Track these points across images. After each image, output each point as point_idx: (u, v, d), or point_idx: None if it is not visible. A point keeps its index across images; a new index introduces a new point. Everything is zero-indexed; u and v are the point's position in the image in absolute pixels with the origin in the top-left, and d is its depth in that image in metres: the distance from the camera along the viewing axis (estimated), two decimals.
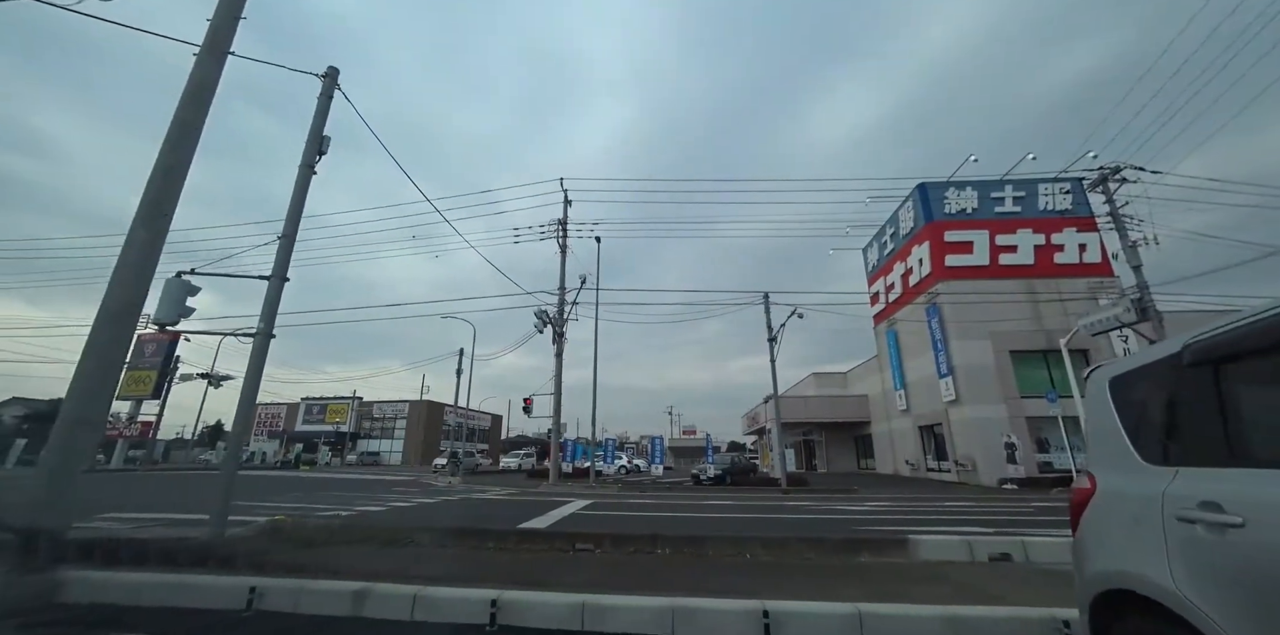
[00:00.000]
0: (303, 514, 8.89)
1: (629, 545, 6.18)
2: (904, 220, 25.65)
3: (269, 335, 6.49)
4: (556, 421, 16.52)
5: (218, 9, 4.97)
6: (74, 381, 3.99)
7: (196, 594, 3.81)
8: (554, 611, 3.45)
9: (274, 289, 6.54)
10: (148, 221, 4.31)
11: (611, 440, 31.59)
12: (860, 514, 10.30)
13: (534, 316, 15.91)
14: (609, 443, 30.23)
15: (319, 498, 12.80)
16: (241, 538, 6.11)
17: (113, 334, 4.19)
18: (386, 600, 3.63)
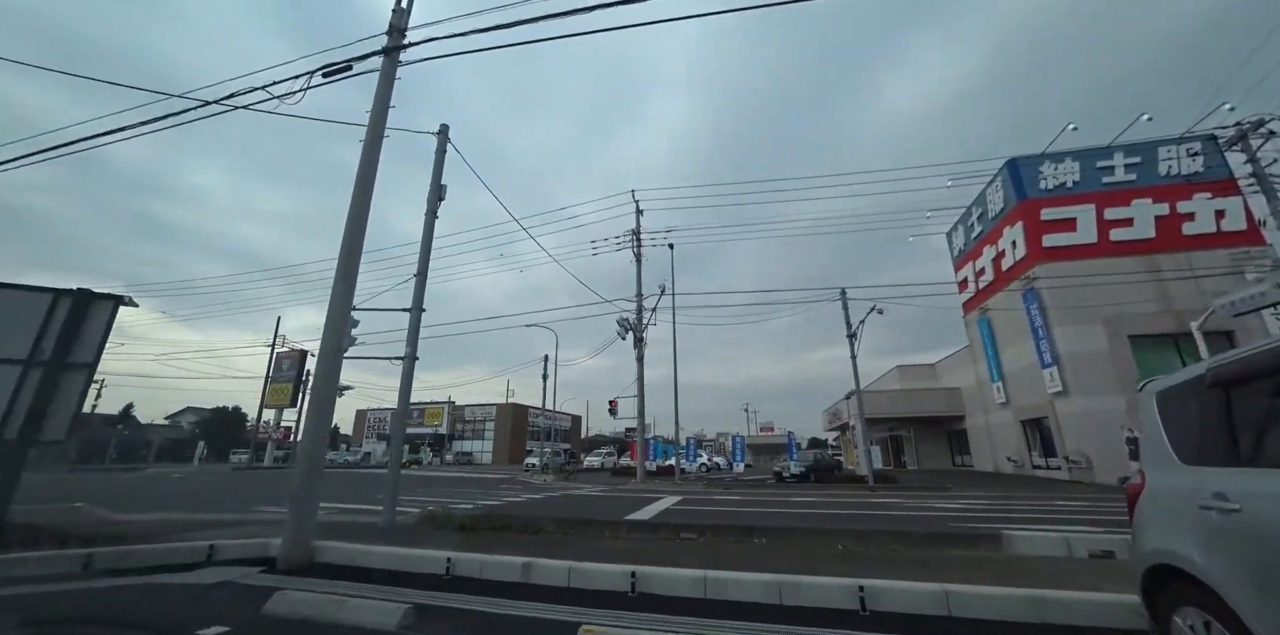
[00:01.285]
0: (440, 506, 10.51)
1: (728, 535, 6.96)
2: (992, 200, 24.11)
3: (414, 358, 7.95)
4: (641, 423, 17.58)
5: (375, 102, 6.34)
6: (306, 421, 5.42)
7: (407, 561, 5.08)
8: (681, 582, 4.30)
9: (414, 319, 8.00)
10: (345, 276, 5.70)
11: (692, 439, 32.35)
12: (953, 511, 10.32)
13: (616, 324, 17.07)
14: (690, 441, 31.01)
15: (442, 493, 14.72)
16: (408, 524, 7.59)
17: (325, 372, 5.60)
18: (547, 571, 4.67)
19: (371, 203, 6.07)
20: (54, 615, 3.81)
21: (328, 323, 5.59)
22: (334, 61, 6.42)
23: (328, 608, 3.69)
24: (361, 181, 5.95)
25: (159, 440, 42.00)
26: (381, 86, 6.22)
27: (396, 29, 6.52)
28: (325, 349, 5.50)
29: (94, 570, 4.80)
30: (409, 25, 6.56)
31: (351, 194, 5.90)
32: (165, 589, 4.41)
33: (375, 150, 6.03)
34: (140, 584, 4.52)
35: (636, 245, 17.59)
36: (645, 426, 18.25)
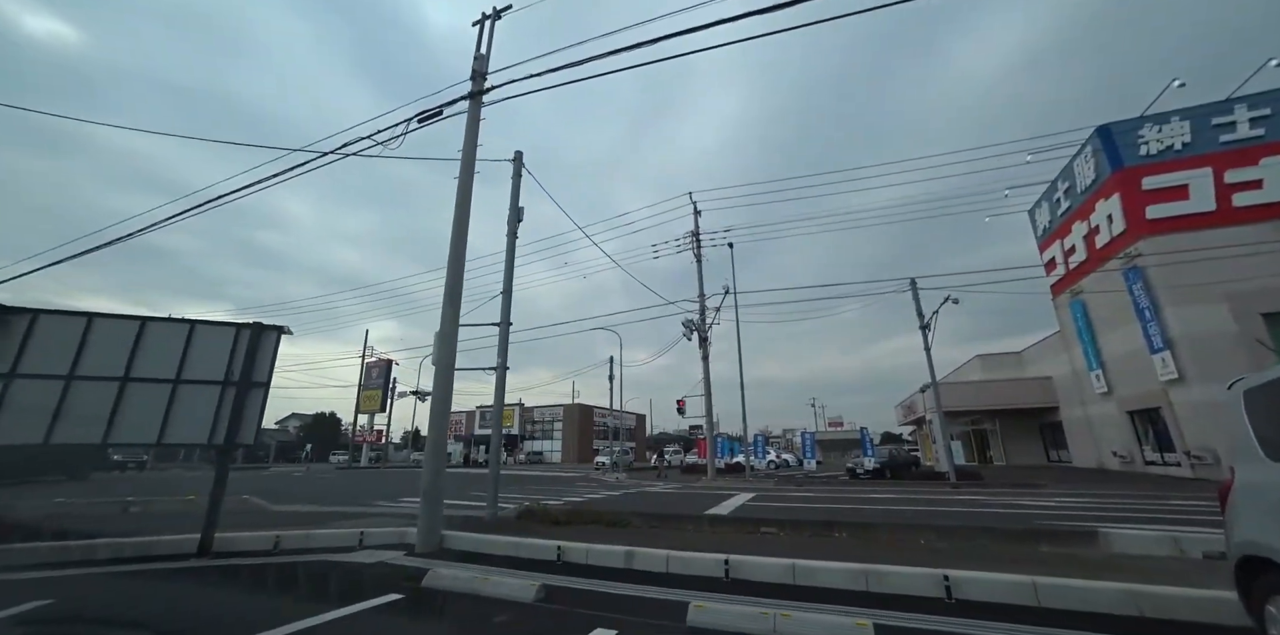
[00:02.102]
0: (535, 502, 11.48)
1: (806, 529, 7.27)
2: (1081, 172, 22.27)
3: (504, 368, 8.84)
4: (709, 421, 17.96)
5: (465, 142, 7.18)
6: (430, 430, 6.33)
7: (522, 548, 5.85)
8: (771, 569, 4.74)
9: (503, 333, 8.89)
10: (451, 300, 6.57)
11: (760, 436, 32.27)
12: (1046, 510, 9.94)
13: (681, 326, 17.55)
14: (757, 438, 30.96)
15: (528, 490, 15.87)
16: (509, 517, 8.50)
17: (441, 385, 6.49)
18: (647, 558, 5.25)
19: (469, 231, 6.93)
20: (273, 580, 4.86)
21: (439, 341, 6.47)
22: (427, 109, 7.35)
23: (474, 583, 4.46)
24: (459, 214, 6.81)
25: (273, 443, 47.41)
26: (470, 127, 7.05)
27: (478, 74, 7.35)
28: (440, 365, 6.39)
29: (281, 549, 5.95)
30: (489, 69, 7.35)
31: (452, 226, 6.76)
32: (338, 565, 5.41)
33: (468, 184, 6.87)
34: (318, 560, 5.56)
35: (696, 246, 17.94)
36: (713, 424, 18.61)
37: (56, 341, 5.41)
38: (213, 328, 5.99)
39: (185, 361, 5.78)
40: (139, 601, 4.15)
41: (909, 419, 38.90)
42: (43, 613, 3.69)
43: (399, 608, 3.96)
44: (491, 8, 7.80)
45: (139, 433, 5.60)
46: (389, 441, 40.18)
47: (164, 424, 5.62)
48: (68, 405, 5.35)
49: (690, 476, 23.26)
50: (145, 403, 5.59)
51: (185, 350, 5.80)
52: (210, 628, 3.52)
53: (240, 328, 6.06)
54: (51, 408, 5.30)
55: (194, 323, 5.95)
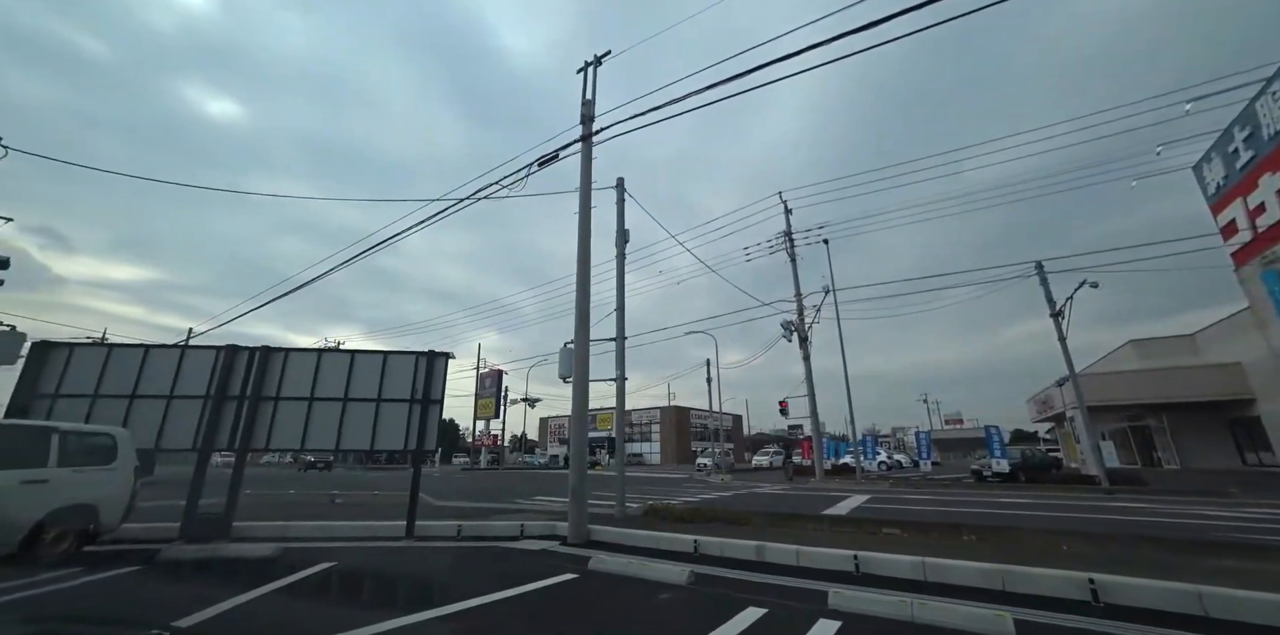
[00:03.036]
0: (658, 502, 12.39)
1: (931, 531, 7.25)
2: (1268, 115, 18.86)
3: (623, 378, 9.78)
4: (815, 421, 17.84)
5: (581, 180, 8.18)
6: (572, 437, 7.35)
7: (661, 541, 6.63)
8: (900, 566, 5.05)
9: (619, 347, 9.84)
10: (582, 323, 7.56)
11: (868, 435, 30.94)
12: (1232, 522, 8.85)
13: (780, 327, 17.67)
14: (866, 438, 29.73)
15: (641, 491, 16.90)
16: (636, 515, 9.40)
17: (579, 397, 7.49)
18: (777, 552, 5.78)
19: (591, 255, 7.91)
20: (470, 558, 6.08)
21: (576, 359, 7.50)
22: (545, 154, 8.49)
23: (632, 568, 5.30)
24: (581, 244, 7.81)
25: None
26: (584, 168, 8.06)
27: (586, 118, 8.34)
28: (577, 380, 7.41)
29: (463, 536, 7.30)
30: (595, 114, 8.31)
31: (576, 256, 7.77)
32: (511, 550, 6.56)
33: (587, 219, 7.86)
34: (493, 546, 6.77)
35: (790, 246, 17.92)
36: (822, 425, 18.43)
37: (301, 372, 7.17)
38: (399, 356, 7.52)
39: (383, 384, 7.34)
40: (392, 566, 5.51)
41: (1045, 415, 34.89)
42: (319, 575, 5.08)
43: (577, 584, 4.89)
44: (593, 55, 8.77)
45: (357, 441, 7.21)
46: (504, 445, 44.21)
47: (374, 434, 7.19)
48: (312, 420, 7.08)
49: (796, 478, 23.05)
50: (360, 417, 7.20)
51: (382, 375, 7.36)
52: (450, 589, 4.65)
53: (419, 356, 7.53)
54: (302, 422, 7.05)
55: (386, 353, 7.53)
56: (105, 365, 6.75)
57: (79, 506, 5.11)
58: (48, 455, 4.90)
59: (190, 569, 5.28)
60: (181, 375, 6.93)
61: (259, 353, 7.14)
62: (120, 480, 5.58)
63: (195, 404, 6.88)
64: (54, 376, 6.60)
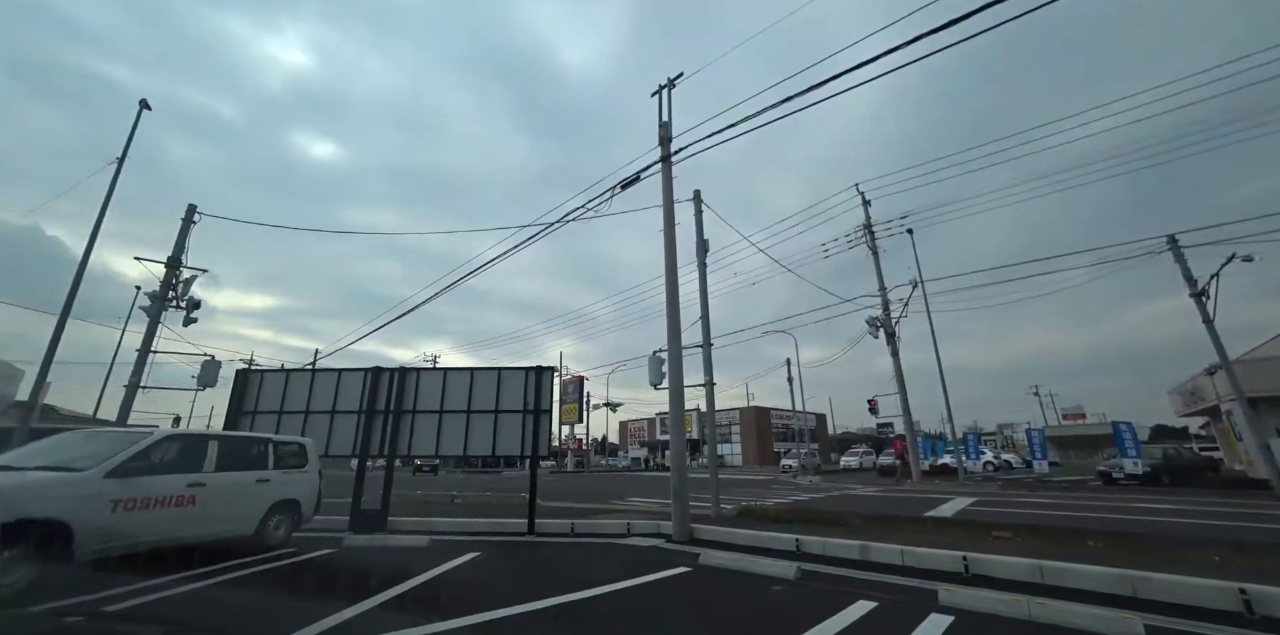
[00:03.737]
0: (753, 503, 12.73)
1: (1049, 537, 6.94)
2: None
3: (712, 384, 10.25)
4: (908, 419, 17.24)
5: (663, 199, 8.76)
6: (671, 442, 7.94)
7: (762, 539, 7.02)
8: (1015, 568, 5.11)
9: (706, 353, 10.32)
10: (673, 335, 8.13)
11: (970, 433, 29.04)
12: None
13: (865, 323, 17.30)
14: (968, 436, 27.93)
15: (729, 493, 17.23)
16: (731, 515, 9.81)
17: (676, 405, 8.05)
18: (882, 552, 5.98)
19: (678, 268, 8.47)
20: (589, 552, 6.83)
21: (670, 369, 8.09)
22: (625, 177, 9.19)
23: (741, 563, 5.77)
24: (669, 261, 8.39)
25: None
26: (665, 187, 8.64)
27: (664, 139, 8.92)
28: (673, 389, 8.00)
29: (576, 532, 8.12)
30: (672, 135, 8.88)
31: (665, 272, 8.36)
32: (622, 546, 7.24)
33: (672, 237, 8.44)
34: (605, 542, 7.50)
35: (870, 239, 17.46)
36: (916, 423, 17.78)
37: (431, 389, 8.35)
38: (511, 372, 8.51)
39: (499, 397, 8.34)
40: (528, 556, 6.37)
41: (1194, 408, 30.74)
42: (473, 561, 5.99)
43: (693, 576, 5.44)
44: (666, 78, 9.34)
45: (480, 447, 8.26)
46: (590, 449, 46.16)
47: (494, 441, 8.20)
48: (442, 430, 8.22)
49: (888, 479, 22.20)
50: (481, 427, 8.25)
51: (498, 389, 8.36)
52: (586, 576, 5.36)
53: (527, 371, 8.48)
54: (435, 431, 8.21)
55: (500, 370, 8.55)
56: (285, 387, 8.31)
57: (289, 501, 6.45)
58: (268, 460, 6.27)
59: (372, 553, 6.45)
60: (340, 394, 8.34)
61: (397, 373, 8.41)
62: (311, 480, 6.92)
63: (351, 418, 8.26)
64: (251, 397, 8.24)
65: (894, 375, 17.46)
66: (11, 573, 3.80)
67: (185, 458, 5.29)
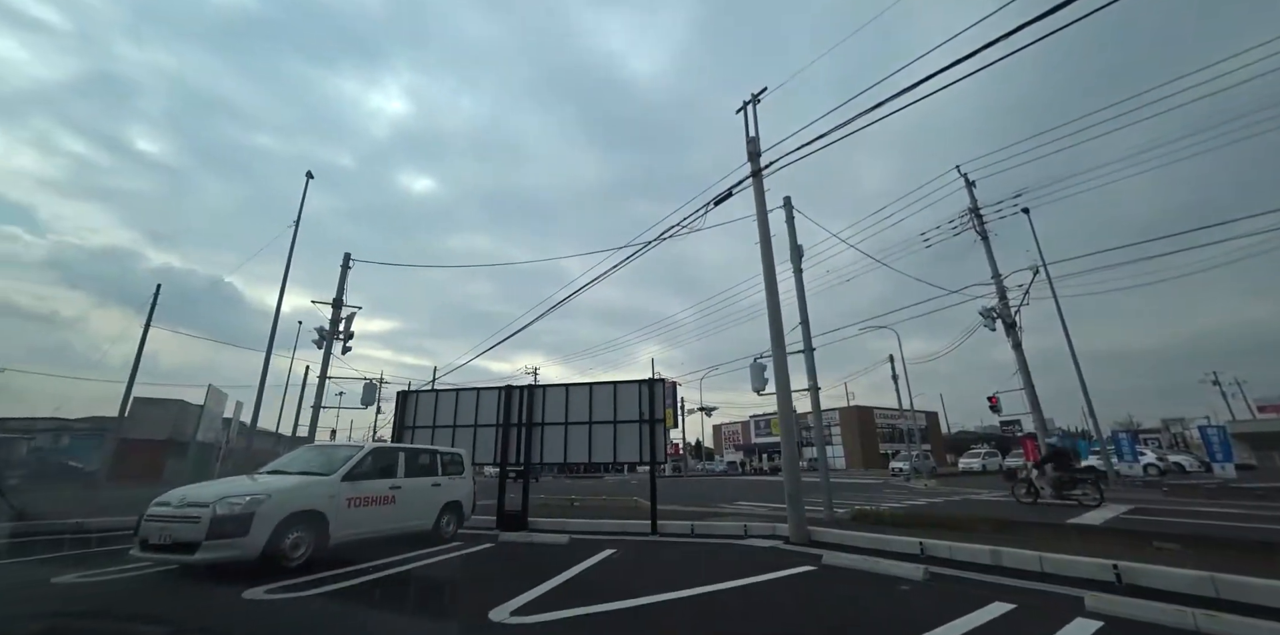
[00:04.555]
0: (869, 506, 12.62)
1: (1230, 549, 6.24)
2: None
3: (816, 388, 10.43)
4: (1039, 418, 15.87)
5: (757, 213, 9.15)
6: (783, 447, 8.30)
7: (882, 542, 7.13)
8: (1179, 580, 4.79)
9: (809, 358, 10.52)
10: (776, 345, 8.50)
11: (1121, 432, 25.78)
12: None
13: (979, 315, 16.25)
14: (1120, 435, 24.82)
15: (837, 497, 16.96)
16: (845, 518, 9.89)
17: (785, 412, 8.39)
18: (1016, 557, 5.89)
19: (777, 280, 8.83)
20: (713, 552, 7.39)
21: (776, 376, 8.47)
22: (718, 193, 9.70)
23: (865, 563, 6.02)
24: (767, 272, 8.76)
25: None
26: (758, 201, 9.04)
27: (753, 154, 9.32)
28: (780, 396, 8.38)
29: (696, 533, 8.72)
30: (761, 150, 9.26)
31: (764, 282, 8.75)
32: (742, 547, 7.70)
33: (769, 250, 8.83)
34: (724, 543, 7.99)
35: (978, 223, 16.34)
36: (1049, 422, 16.34)
37: (556, 403, 9.42)
38: (625, 385, 9.36)
39: (616, 408, 9.20)
40: (658, 553, 7.09)
41: None
42: (612, 557, 6.77)
43: (817, 574, 5.79)
44: (750, 94, 9.74)
45: (602, 455, 9.16)
46: (686, 454, 46.93)
47: (615, 449, 9.06)
48: (568, 439, 9.24)
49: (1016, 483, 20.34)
50: (603, 436, 9.15)
51: (615, 401, 9.23)
52: (717, 571, 5.92)
53: (640, 383, 9.29)
54: (562, 441, 9.25)
55: (615, 383, 9.44)
56: (436, 404, 9.82)
57: (455, 502, 7.73)
58: (437, 467, 7.60)
59: (525, 547, 7.53)
60: (479, 409, 9.68)
61: (526, 390, 9.60)
62: (468, 485, 8.21)
63: (490, 430, 9.55)
64: (410, 414, 9.85)
65: (1017, 369, 16.15)
66: (297, 548, 5.19)
67: (385, 466, 6.66)
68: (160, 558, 4.90)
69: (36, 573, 5.57)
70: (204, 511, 4.77)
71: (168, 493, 5.29)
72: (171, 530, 4.78)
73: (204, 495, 5.01)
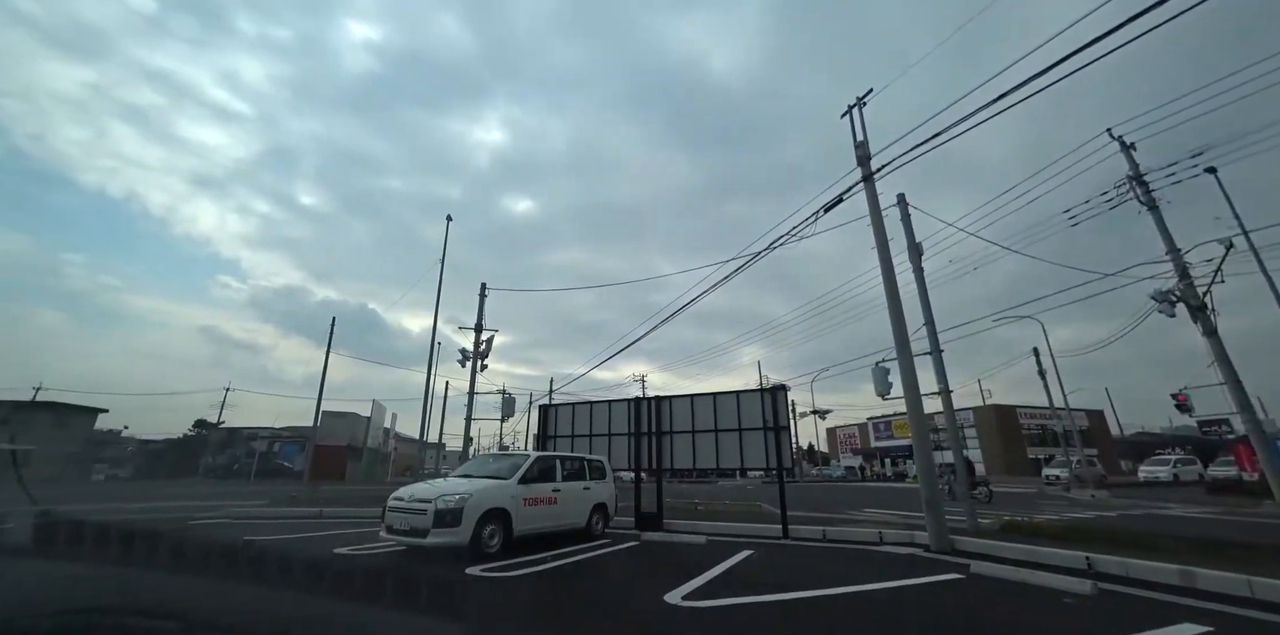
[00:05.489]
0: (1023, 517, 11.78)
1: None
2: None
3: (948, 391, 10.06)
4: (1251, 418, 13.49)
5: (871, 218, 9.15)
6: (916, 454, 8.21)
7: (1038, 555, 6.80)
8: None
9: (936, 360, 10.19)
10: (902, 351, 8.45)
11: None
12: None
13: (1151, 299, 14.27)
14: None
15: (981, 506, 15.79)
16: (991, 529, 9.38)
17: (916, 419, 8.29)
18: (1215, 580, 5.28)
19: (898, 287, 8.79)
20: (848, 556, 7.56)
21: (904, 381, 8.43)
22: (827, 201, 9.82)
23: (1020, 574, 5.88)
24: (886, 278, 8.76)
25: None
26: (871, 207, 9.06)
27: (863, 159, 9.33)
28: (910, 404, 8.32)
29: (828, 538, 8.88)
30: (871, 154, 9.26)
31: (884, 288, 8.76)
32: (879, 553, 7.74)
33: (887, 256, 8.82)
34: (859, 549, 8.06)
35: (1144, 192, 14.32)
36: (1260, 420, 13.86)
37: (682, 413, 10.13)
38: (747, 394, 9.84)
39: (740, 417, 9.68)
40: (794, 555, 7.44)
41: None
42: (750, 558, 7.22)
43: (965, 582, 5.78)
44: (854, 97, 9.77)
45: (729, 461, 9.68)
46: (800, 458, 45.57)
47: (741, 455, 9.54)
48: (696, 447, 9.89)
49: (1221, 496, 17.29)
50: (728, 443, 9.68)
51: (738, 410, 9.72)
52: (860, 574, 6.16)
53: (762, 392, 9.70)
54: (689, 448, 9.93)
55: (738, 393, 9.95)
56: (573, 416, 11.02)
57: (601, 503, 8.75)
58: (585, 472, 8.68)
59: (667, 546, 8.29)
60: (612, 420, 10.69)
61: (653, 401, 10.45)
62: (610, 488, 9.21)
63: (623, 439, 10.51)
64: (551, 424, 11.16)
65: (1212, 360, 13.84)
66: (493, 538, 6.45)
67: (547, 471, 7.83)
68: (401, 540, 6.40)
69: (322, 547, 7.39)
70: (428, 506, 6.14)
71: (398, 490, 6.86)
72: (409, 519, 6.21)
73: (427, 493, 6.42)
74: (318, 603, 3.06)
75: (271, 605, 2.96)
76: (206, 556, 4.44)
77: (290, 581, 3.49)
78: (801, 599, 4.96)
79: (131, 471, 35.56)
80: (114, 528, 6.27)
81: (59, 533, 5.44)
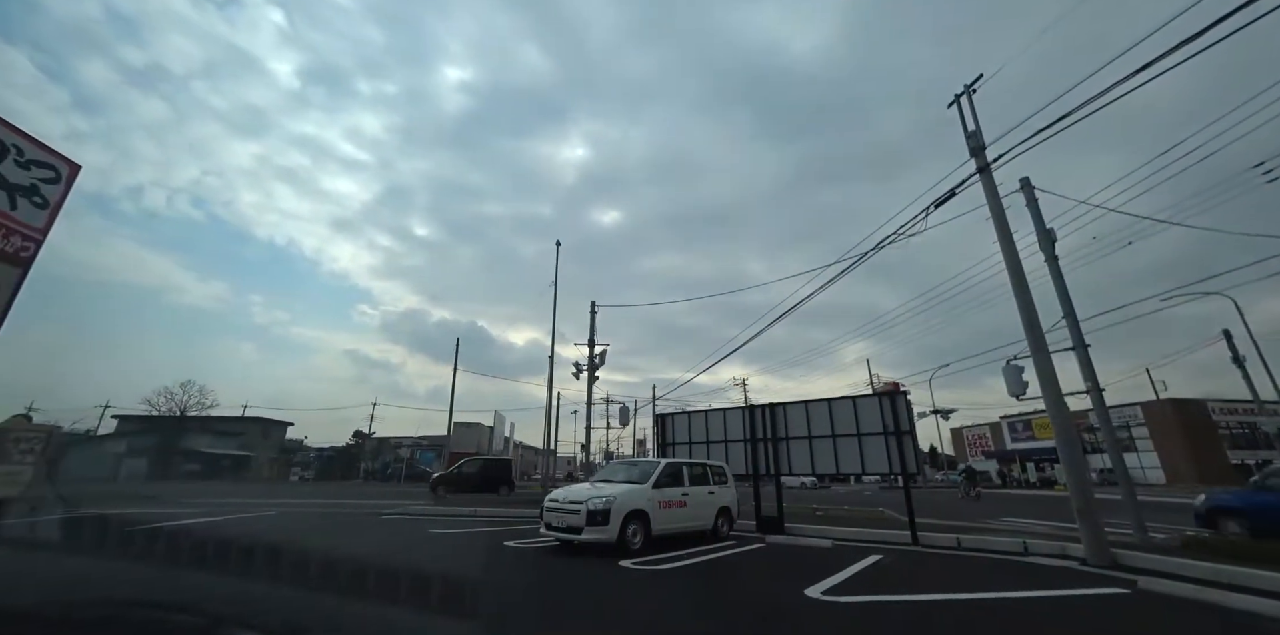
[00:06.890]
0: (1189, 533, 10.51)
1: None
2: None
3: (1099, 389, 9.34)
4: None
5: (991, 212, 8.86)
6: (1065, 465, 7.81)
7: (1229, 575, 6.23)
8: None
9: (1081, 355, 9.50)
10: (1036, 349, 8.09)
11: None
12: None
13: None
14: None
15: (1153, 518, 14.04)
16: (1168, 545, 8.49)
17: (1060, 421, 7.89)
18: None
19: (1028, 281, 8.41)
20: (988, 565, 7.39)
21: (1041, 383, 8.06)
22: (938, 196, 9.60)
23: (1206, 594, 5.44)
24: (1013, 273, 8.39)
25: None
26: (990, 200, 8.76)
27: (976, 150, 9.03)
28: (1050, 405, 7.95)
29: (963, 546, 8.66)
30: (985, 143, 8.96)
31: (1012, 286, 8.44)
32: (1020, 563, 7.39)
33: (1012, 250, 8.47)
34: (1000, 559, 7.73)
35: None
36: None
37: (797, 419, 10.41)
38: (865, 399, 9.91)
39: (858, 422, 9.75)
40: (926, 562, 7.43)
41: None
42: (880, 562, 7.34)
43: (1133, 598, 5.50)
44: (961, 86, 9.49)
45: (849, 466, 9.78)
46: (923, 462, 42.59)
47: (861, 460, 9.60)
48: (813, 452, 10.11)
49: None
50: (847, 448, 9.78)
51: (855, 415, 9.80)
52: (997, 583, 6.10)
53: (879, 396, 9.71)
54: (807, 453, 10.16)
55: (854, 398, 10.05)
56: (689, 423, 11.71)
57: (725, 507, 9.33)
58: (709, 477, 9.32)
59: (793, 548, 8.64)
60: (727, 427, 11.22)
61: (767, 409, 10.83)
62: (732, 492, 9.75)
63: (740, 445, 10.98)
64: (669, 432, 11.94)
65: None
66: (635, 536, 7.35)
67: (675, 476, 8.57)
68: (559, 536, 7.48)
69: (492, 540, 8.75)
70: (580, 507, 7.12)
71: (553, 492, 7.98)
72: (565, 518, 7.26)
73: (579, 495, 7.43)
74: (536, 576, 3.97)
75: (501, 575, 3.91)
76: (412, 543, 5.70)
77: (497, 562, 4.50)
78: (947, 600, 5.16)
79: (314, 474, 43.57)
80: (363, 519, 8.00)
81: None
